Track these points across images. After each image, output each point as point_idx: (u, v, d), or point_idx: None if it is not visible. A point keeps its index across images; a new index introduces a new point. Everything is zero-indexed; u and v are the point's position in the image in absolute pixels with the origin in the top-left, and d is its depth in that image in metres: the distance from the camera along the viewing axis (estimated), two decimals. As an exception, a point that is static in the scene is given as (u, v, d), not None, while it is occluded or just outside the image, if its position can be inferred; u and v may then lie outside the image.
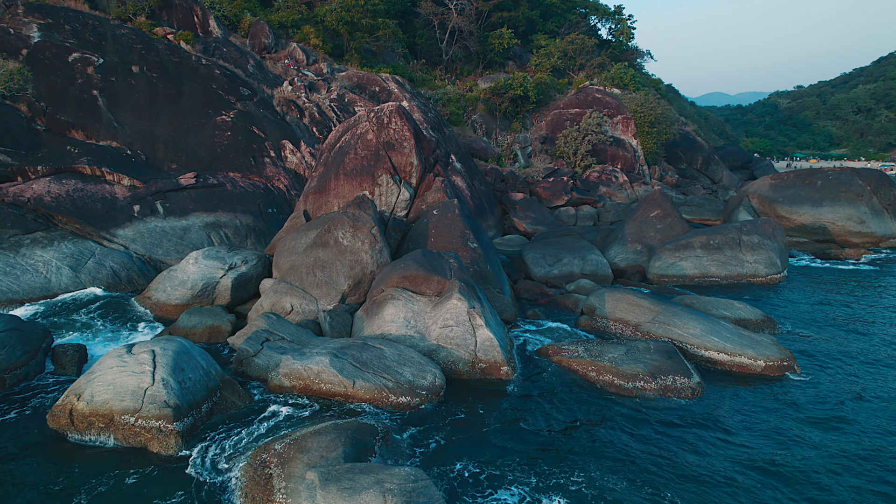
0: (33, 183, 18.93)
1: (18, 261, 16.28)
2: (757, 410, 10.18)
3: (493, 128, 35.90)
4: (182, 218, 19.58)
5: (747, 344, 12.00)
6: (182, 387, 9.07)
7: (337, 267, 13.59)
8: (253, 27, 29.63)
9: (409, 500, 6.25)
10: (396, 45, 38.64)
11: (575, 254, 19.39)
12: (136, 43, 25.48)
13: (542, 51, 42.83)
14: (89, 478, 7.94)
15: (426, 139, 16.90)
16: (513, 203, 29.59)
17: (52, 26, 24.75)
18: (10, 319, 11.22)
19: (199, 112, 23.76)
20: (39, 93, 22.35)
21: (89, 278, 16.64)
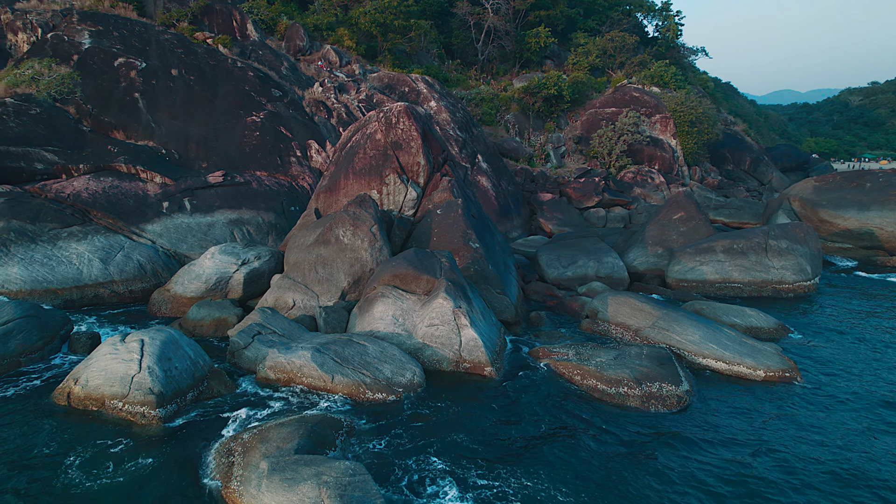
0: (74, 180, 20.21)
1: (55, 252, 17.44)
2: (741, 423, 9.76)
3: (526, 128, 35.60)
4: (207, 214, 20.45)
5: (748, 353, 11.50)
6: (167, 375, 9.54)
7: (337, 264, 13.90)
8: (288, 30, 30.53)
9: (343, 492, 6.38)
10: (431, 45, 38.89)
11: (590, 256, 19.03)
12: (178, 47, 26.73)
13: (580, 49, 42.10)
14: (80, 445, 8.55)
15: (435, 139, 17.00)
16: (540, 204, 29.28)
17: (102, 33, 26.30)
18: (28, 307, 12.09)
19: (232, 113, 24.72)
20: (87, 95, 23.80)
21: (117, 270, 17.63)
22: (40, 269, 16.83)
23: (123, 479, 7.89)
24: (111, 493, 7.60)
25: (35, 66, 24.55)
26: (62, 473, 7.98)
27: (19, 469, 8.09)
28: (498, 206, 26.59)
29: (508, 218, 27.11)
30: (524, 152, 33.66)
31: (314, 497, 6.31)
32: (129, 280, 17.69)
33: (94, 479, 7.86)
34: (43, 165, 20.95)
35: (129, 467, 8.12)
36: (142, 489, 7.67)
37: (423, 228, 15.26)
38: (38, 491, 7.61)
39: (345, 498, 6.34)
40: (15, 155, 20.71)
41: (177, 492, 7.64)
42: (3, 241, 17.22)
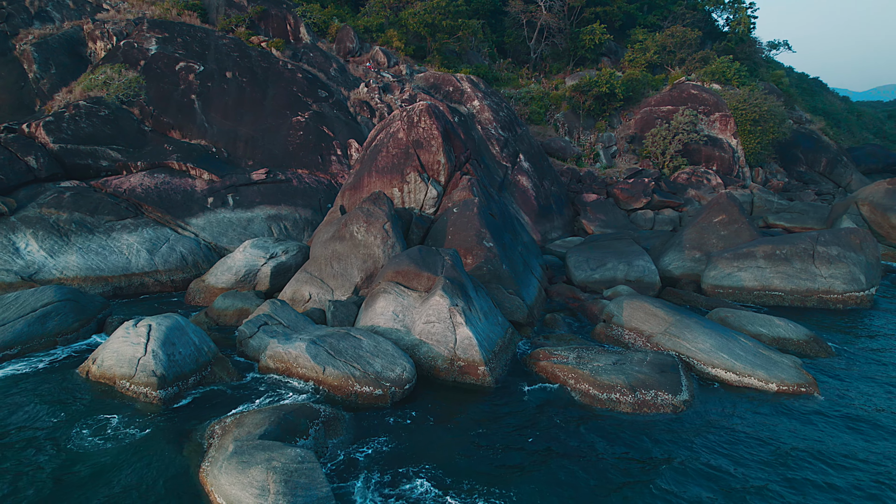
0: (131, 176, 21.81)
1: (109, 243, 18.90)
2: (733, 440, 9.19)
3: (576, 127, 34.86)
4: (248, 210, 21.49)
5: (761, 364, 10.81)
6: (170, 359, 10.16)
7: (351, 260, 14.25)
8: (339, 32, 31.44)
9: (289, 478, 6.61)
10: (482, 44, 38.83)
11: (621, 258, 18.44)
12: (234, 51, 28.18)
13: (637, 46, 40.68)
14: (87, 416, 9.32)
15: (457, 138, 17.03)
16: (584, 205, 28.63)
17: (167, 39, 28.13)
18: (67, 291, 13.19)
19: (279, 113, 25.79)
20: (149, 97, 25.56)
21: (161, 261, 18.88)
22: (95, 258, 18.29)
23: (116, 448, 8.51)
24: (102, 456, 8.24)
25: (107, 72, 26.63)
26: (64, 436, 8.75)
27: (31, 429, 8.92)
28: (537, 207, 26.24)
29: (549, 218, 26.69)
30: (572, 152, 32.99)
31: (262, 480, 6.57)
32: (172, 270, 18.89)
33: (91, 445, 8.56)
34: (107, 162, 22.70)
35: (123, 439, 8.75)
36: (129, 458, 8.24)
37: (439, 227, 15.36)
38: (39, 447, 8.35)
39: (289, 483, 6.56)
40: (84, 153, 22.55)
41: (159, 466, 8.15)
42: (65, 231, 18.84)
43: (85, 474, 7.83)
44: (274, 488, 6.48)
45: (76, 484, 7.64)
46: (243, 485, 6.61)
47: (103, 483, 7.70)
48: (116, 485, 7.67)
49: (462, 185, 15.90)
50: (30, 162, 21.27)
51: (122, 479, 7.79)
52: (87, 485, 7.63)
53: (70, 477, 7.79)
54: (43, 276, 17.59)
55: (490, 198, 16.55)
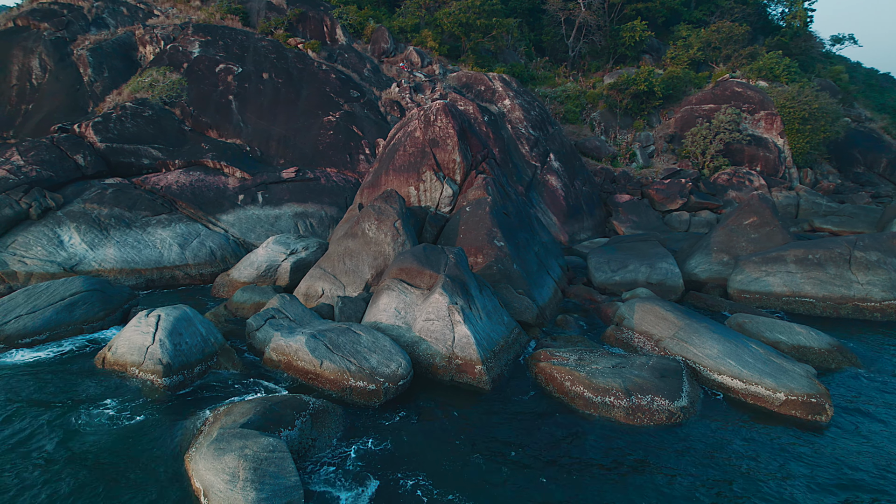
0: (169, 174, 22.82)
1: (144, 237, 19.84)
2: (724, 452, 8.84)
3: (613, 126, 34.13)
4: (276, 207, 22.11)
5: (769, 372, 10.34)
6: (176, 349, 10.61)
7: (362, 257, 14.47)
8: (374, 33, 31.89)
9: (258, 466, 6.82)
10: (519, 43, 38.52)
11: (643, 260, 17.97)
12: (271, 53, 29.03)
13: (679, 42, 39.40)
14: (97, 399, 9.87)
15: (475, 136, 16.99)
16: (616, 205, 28.01)
17: (210, 43, 29.26)
18: (94, 282, 13.95)
19: (311, 113, 26.40)
20: (190, 98, 26.65)
21: (192, 255, 19.68)
22: (130, 252, 19.24)
23: (116, 431, 8.99)
24: (101, 438, 8.72)
25: (153, 74, 27.95)
26: (70, 418, 9.32)
27: (43, 410, 9.51)
28: (566, 207, 25.87)
29: (578, 219, 26.27)
30: (607, 151, 32.33)
31: (234, 467, 6.80)
32: (201, 264, 19.65)
33: (93, 427, 9.08)
34: (149, 161, 23.81)
35: (124, 423, 9.22)
36: (126, 442, 8.68)
37: (452, 225, 15.39)
38: (46, 427, 8.89)
39: (258, 471, 6.76)
40: (128, 151, 23.72)
41: (153, 450, 8.55)
42: (105, 225, 19.89)
43: (81, 454, 8.30)
44: (243, 475, 6.69)
45: (71, 462, 8.11)
46: (217, 470, 6.85)
47: (97, 462, 8.14)
48: (109, 465, 8.09)
49: (477, 183, 15.87)
50: (78, 160, 22.54)
51: (115, 461, 8.21)
52: (80, 463, 8.08)
53: (67, 455, 8.28)
54: (83, 268, 18.64)
55: (507, 197, 16.45)
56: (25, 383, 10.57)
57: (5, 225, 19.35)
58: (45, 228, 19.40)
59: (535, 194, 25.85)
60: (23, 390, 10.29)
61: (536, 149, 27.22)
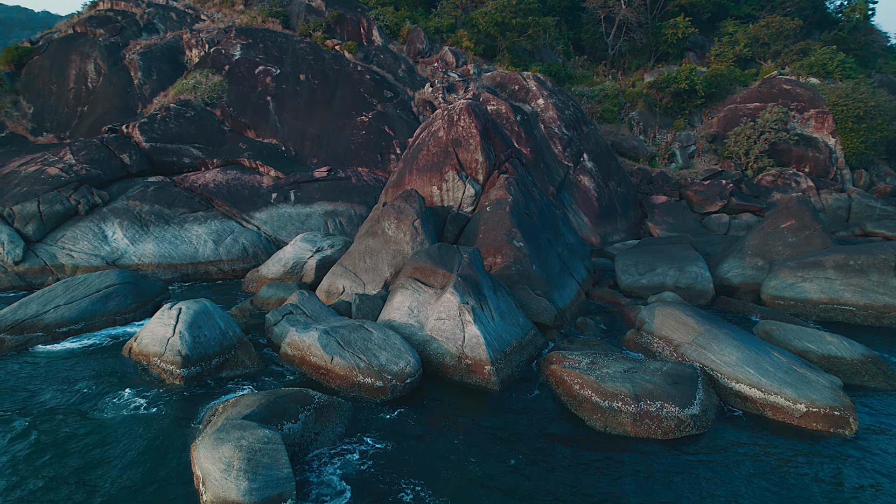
0: (207, 172, 23.65)
1: (181, 233, 20.65)
2: (731, 463, 8.51)
3: (652, 125, 33.29)
4: (307, 206, 22.60)
5: (790, 382, 9.89)
6: (195, 341, 11.01)
7: (382, 255, 14.63)
8: (410, 34, 32.15)
9: (252, 457, 7.02)
10: (557, 41, 38.04)
11: (672, 264, 17.47)
12: (309, 54, 29.68)
13: (725, 39, 38.01)
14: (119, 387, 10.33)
15: (498, 136, 16.89)
16: (652, 206, 27.32)
17: (250, 45, 30.15)
18: (128, 276, 14.61)
19: (345, 113, 26.85)
20: (230, 99, 27.54)
21: (225, 251, 20.35)
22: (167, 247, 20.06)
23: (131, 418, 9.40)
24: (117, 425, 9.13)
25: (197, 76, 29.01)
26: (90, 405, 9.79)
27: (66, 397, 10.03)
28: (598, 208, 25.41)
29: (611, 220, 25.76)
30: (645, 151, 31.56)
31: (229, 457, 7.01)
32: (234, 260, 20.30)
33: (111, 414, 9.53)
34: (189, 160, 24.74)
35: (140, 411, 9.64)
36: (140, 429, 9.07)
37: (472, 225, 15.38)
38: (65, 413, 9.38)
39: (252, 462, 6.96)
40: (170, 150, 24.71)
41: (164, 438, 8.90)
42: (146, 222, 20.80)
43: (96, 439, 8.73)
44: (237, 465, 6.90)
45: (87, 447, 8.54)
46: (214, 459, 7.08)
47: (113, 447, 8.54)
48: (123, 450, 8.48)
49: (499, 183, 15.80)
50: (124, 159, 23.64)
51: (130, 447, 8.60)
52: (97, 447, 8.50)
53: (84, 440, 8.72)
54: (124, 262, 19.55)
55: (530, 197, 16.30)
56: (56, 371, 11.19)
57: (56, 220, 20.49)
58: (92, 224, 20.43)
59: (567, 195, 25.51)
60: (53, 377, 10.90)
61: (569, 149, 26.85)
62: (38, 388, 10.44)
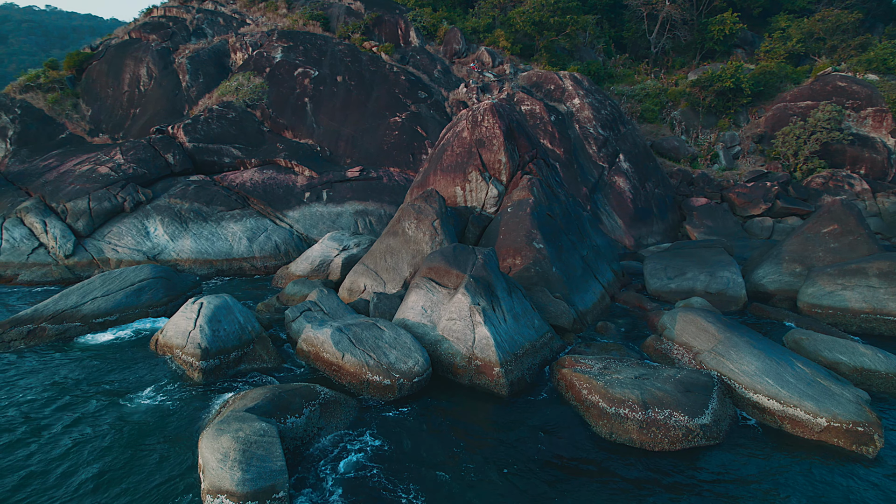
0: (244, 171, 24.43)
1: (218, 231, 21.42)
2: (742, 483, 8.17)
3: (695, 125, 32.25)
4: (339, 205, 23.02)
5: (812, 394, 9.42)
6: (214, 334, 11.41)
7: (402, 255, 14.77)
8: (447, 34, 32.26)
9: (247, 448, 7.24)
10: (597, 40, 37.33)
11: (703, 268, 16.91)
12: (346, 56, 30.22)
13: (776, 34, 36.38)
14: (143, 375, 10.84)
15: (523, 137, 16.74)
16: (691, 209, 26.49)
17: (291, 48, 30.94)
18: (160, 270, 15.27)
19: (379, 114, 27.20)
20: (270, 101, 28.34)
21: (258, 248, 20.98)
22: (204, 243, 20.84)
23: (153, 406, 9.86)
24: (134, 413, 9.59)
25: (239, 79, 29.99)
26: (119, 391, 10.30)
27: (96, 383, 10.59)
28: (633, 210, 24.83)
29: (646, 223, 25.13)
30: (686, 152, 30.61)
31: (227, 448, 7.26)
32: (266, 257, 20.90)
33: (130, 403, 10.01)
34: (229, 159, 25.60)
35: (162, 400, 10.11)
36: (155, 418, 9.51)
37: (493, 226, 15.32)
38: (86, 400, 9.90)
39: (247, 453, 7.18)
40: (212, 150, 25.65)
41: (180, 426, 9.30)
42: (185, 219, 21.67)
43: (117, 427, 9.20)
44: (233, 455, 7.14)
45: (106, 433, 9.01)
46: (213, 449, 7.35)
47: (129, 434, 8.98)
48: (138, 438, 8.90)
49: (522, 184, 15.68)
50: (168, 159, 24.69)
51: (145, 434, 9.02)
52: (114, 434, 8.95)
53: (104, 427, 9.20)
54: (163, 257, 20.44)
55: (554, 198, 16.11)
56: (87, 359, 11.84)
57: (104, 217, 21.60)
58: (136, 220, 21.45)
59: (601, 196, 25.04)
60: (84, 365, 11.54)
61: (605, 149, 26.34)
62: (67, 375, 11.07)
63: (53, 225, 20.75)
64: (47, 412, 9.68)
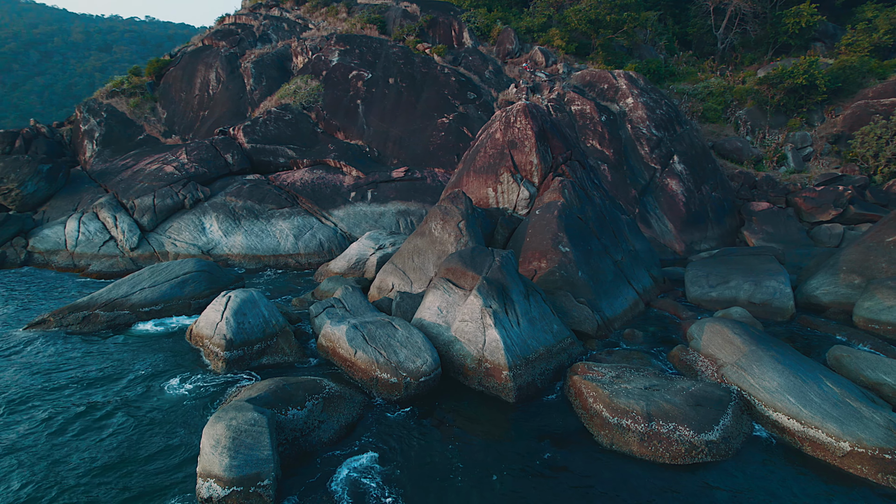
0: (296, 171, 25.41)
1: (267, 228, 22.43)
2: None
3: (763, 125, 30.40)
4: (382, 205, 23.49)
5: (836, 416, 8.72)
6: (239, 327, 12.01)
7: (428, 255, 14.92)
8: (500, 35, 32.12)
9: (237, 436, 7.61)
10: (660, 37, 35.87)
11: (749, 277, 15.96)
12: (400, 58, 30.75)
13: (860, 25, 33.58)
14: (172, 363, 11.59)
15: (557, 138, 16.43)
16: (751, 214, 25.02)
17: (347, 51, 31.86)
18: (204, 264, 16.19)
19: (427, 115, 27.50)
20: (325, 103, 29.33)
21: (303, 245, 21.78)
22: (254, 240, 21.88)
23: (176, 393, 10.52)
24: (161, 397, 10.27)
25: (297, 82, 31.20)
26: (149, 377, 11.07)
27: (130, 370, 11.42)
28: (685, 213, 23.77)
29: (700, 227, 23.98)
30: (750, 153, 28.92)
31: (220, 435, 7.66)
32: (310, 254, 21.67)
33: (161, 387, 10.73)
34: (284, 159, 26.72)
35: (185, 387, 10.77)
36: (174, 404, 10.14)
37: (521, 228, 15.16)
38: (127, 381, 10.70)
39: (237, 441, 7.55)
40: (268, 151, 26.87)
41: (190, 414, 9.87)
42: (238, 216, 22.84)
43: (140, 410, 9.90)
44: (224, 443, 7.52)
45: (127, 416, 9.71)
46: (209, 436, 7.77)
47: (150, 418, 9.64)
48: (148, 421, 9.54)
49: (553, 186, 15.42)
50: (228, 158, 26.08)
51: (163, 419, 9.65)
52: (136, 417, 9.64)
53: (127, 410, 9.91)
54: (216, 252, 21.64)
55: (587, 201, 15.73)
56: (128, 346, 12.79)
57: (166, 213, 23.13)
58: (194, 217, 22.82)
59: (651, 198, 24.15)
60: (123, 352, 12.49)
61: (658, 150, 25.37)
62: (109, 359, 12.01)
63: (122, 220, 22.45)
64: (77, 389, 10.55)
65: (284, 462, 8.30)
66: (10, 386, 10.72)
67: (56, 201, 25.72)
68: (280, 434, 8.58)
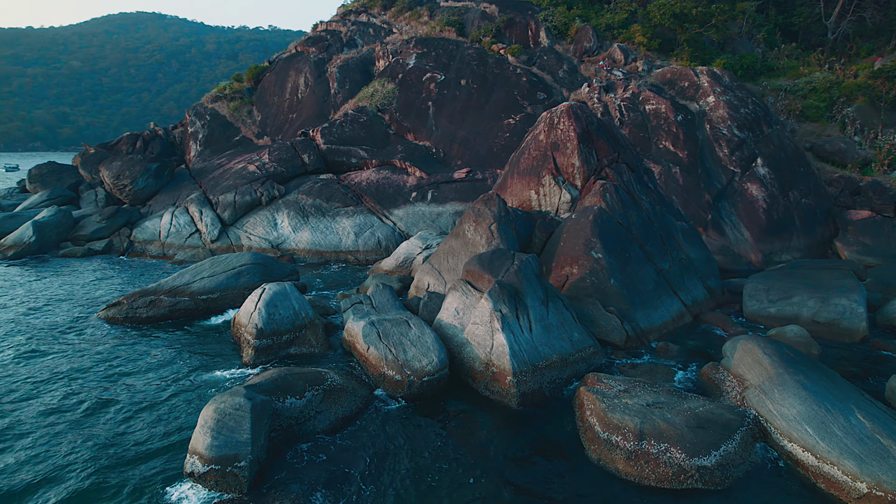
0: (363, 171, 26.43)
1: (332, 225, 23.57)
2: None
3: (874, 123, 27.12)
4: (441, 205, 23.80)
5: (859, 453, 7.75)
6: (270, 318, 12.83)
7: (461, 256, 15.02)
8: (578, 33, 31.28)
9: (221, 419, 8.22)
10: (759, 29, 32.98)
11: (815, 293, 14.43)
12: (474, 60, 30.94)
13: None
14: (211, 348, 12.69)
15: (602, 140, 15.77)
16: (847, 223, 22.47)
17: (423, 54, 32.58)
18: (259, 258, 17.38)
19: (495, 116, 27.44)
20: (398, 105, 30.20)
21: (362, 243, 22.65)
22: (319, 236, 23.09)
23: (203, 373, 11.51)
24: (183, 379, 11.27)
25: (375, 85, 32.38)
26: (185, 360, 12.15)
27: (173, 354, 12.61)
28: (766, 221, 21.83)
29: (783, 236, 21.93)
30: (855, 156, 25.91)
31: (208, 416, 8.31)
32: (368, 251, 22.48)
33: (191, 368, 11.77)
34: (356, 160, 27.90)
35: (216, 369, 11.75)
36: (197, 387, 11.07)
37: (558, 232, 14.79)
38: (163, 362, 11.85)
39: (219, 423, 8.15)
40: (342, 152, 28.19)
41: (214, 392, 10.72)
42: (306, 213, 24.20)
43: (167, 388, 10.91)
44: (209, 424, 8.16)
45: (157, 392, 10.75)
46: (202, 416, 8.46)
47: (175, 396, 10.62)
48: (181, 400, 10.49)
49: (595, 189, 14.88)
50: (304, 158, 27.68)
51: (187, 398, 10.59)
52: (163, 392, 10.65)
53: (156, 387, 10.97)
54: (285, 246, 23.08)
55: (633, 205, 15.02)
56: (176, 334, 14.08)
57: (245, 209, 25.02)
58: (268, 213, 24.48)
59: (727, 204, 22.45)
60: (165, 341, 13.76)
61: (738, 152, 23.52)
62: (149, 346, 13.33)
63: (207, 214, 24.59)
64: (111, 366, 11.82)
65: (274, 447, 8.83)
66: (70, 372, 12.27)
67: (161, 196, 28.70)
68: (275, 420, 9.13)
